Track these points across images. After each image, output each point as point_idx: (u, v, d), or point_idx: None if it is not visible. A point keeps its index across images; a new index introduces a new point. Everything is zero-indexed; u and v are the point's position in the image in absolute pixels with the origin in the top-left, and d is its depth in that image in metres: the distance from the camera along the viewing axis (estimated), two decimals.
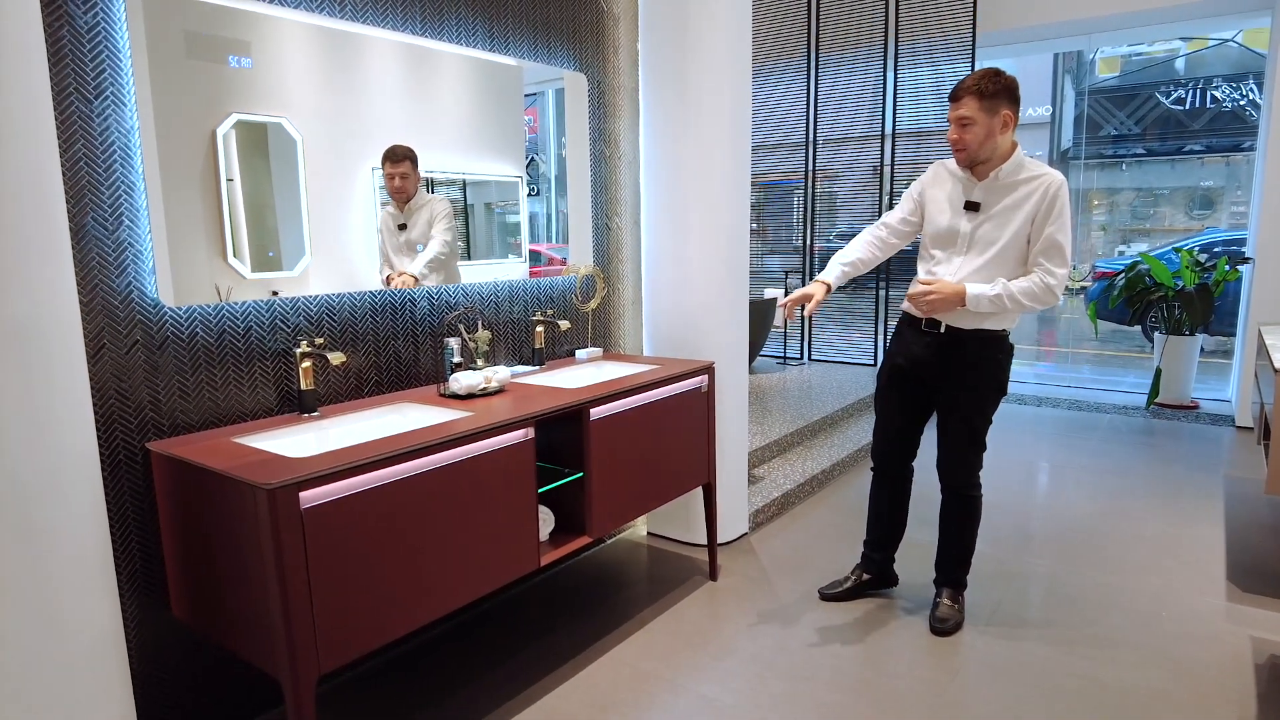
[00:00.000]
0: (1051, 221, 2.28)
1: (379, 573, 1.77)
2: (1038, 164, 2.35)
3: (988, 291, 2.31)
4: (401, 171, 2.46)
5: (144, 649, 1.94)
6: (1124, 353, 8.33)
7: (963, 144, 2.33)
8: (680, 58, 3.04)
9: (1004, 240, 2.34)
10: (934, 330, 2.46)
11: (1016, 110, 2.32)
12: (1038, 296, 2.30)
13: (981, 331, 2.40)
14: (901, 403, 2.61)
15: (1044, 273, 2.31)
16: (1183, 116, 12.79)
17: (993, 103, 2.28)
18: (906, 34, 5.96)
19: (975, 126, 2.29)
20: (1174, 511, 3.67)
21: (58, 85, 1.68)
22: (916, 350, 2.51)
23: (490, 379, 2.38)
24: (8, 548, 1.44)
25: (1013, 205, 2.33)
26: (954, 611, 2.63)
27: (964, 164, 2.39)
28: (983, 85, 2.28)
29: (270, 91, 2.07)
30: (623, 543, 3.41)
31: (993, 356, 2.44)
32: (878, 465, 2.74)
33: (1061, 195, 2.29)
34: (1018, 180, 2.34)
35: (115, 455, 1.85)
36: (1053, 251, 2.30)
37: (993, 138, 2.31)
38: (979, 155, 2.34)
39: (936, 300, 2.35)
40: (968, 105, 2.29)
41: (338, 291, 2.29)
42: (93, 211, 1.77)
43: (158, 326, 1.90)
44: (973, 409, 2.48)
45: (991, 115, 2.29)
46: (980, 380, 2.45)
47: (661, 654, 2.50)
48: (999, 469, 4.40)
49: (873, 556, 2.83)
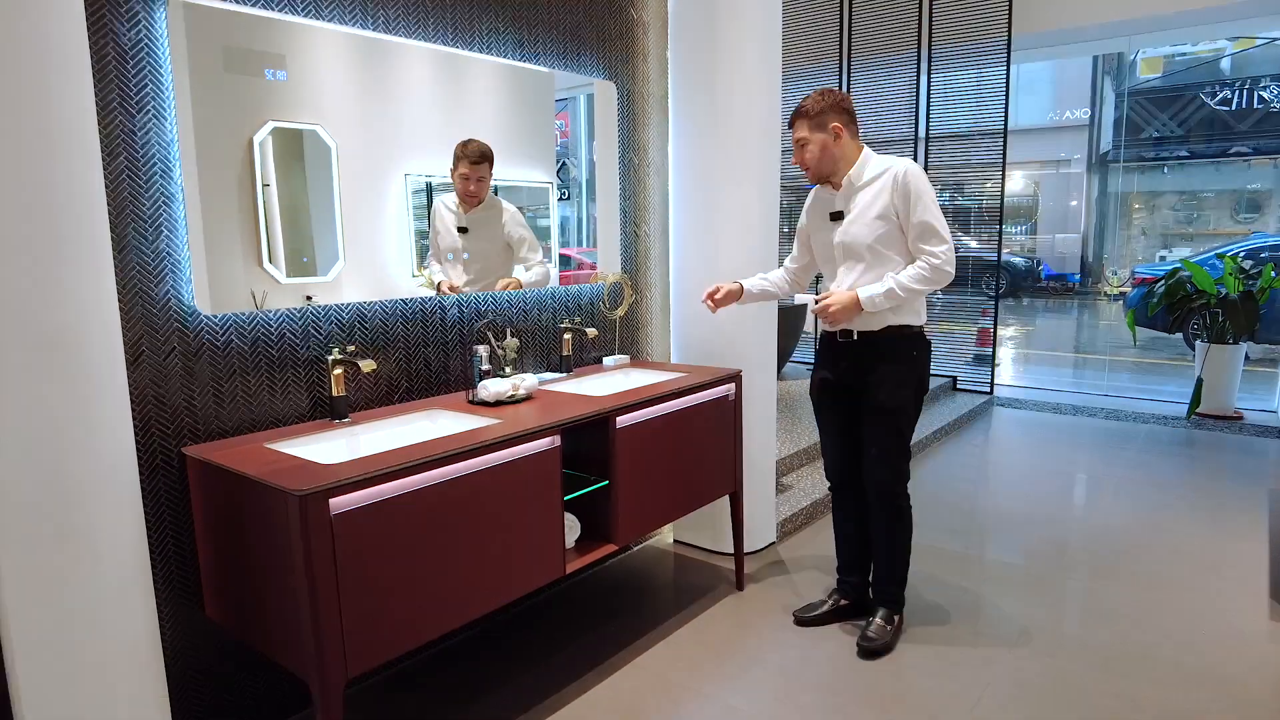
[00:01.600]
0: (913, 206, 2.34)
1: (406, 578, 1.79)
2: (884, 159, 2.44)
3: (879, 289, 2.35)
4: (479, 175, 2.46)
5: (178, 649, 1.98)
6: (1164, 360, 8.13)
7: (805, 163, 2.46)
8: (710, 64, 3.04)
9: (869, 238, 2.39)
10: (847, 339, 2.50)
11: (847, 119, 2.42)
12: (929, 279, 2.34)
13: (892, 329, 2.44)
14: (836, 416, 2.62)
15: (927, 256, 2.35)
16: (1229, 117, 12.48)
17: (819, 119, 2.41)
18: (940, 37, 5.89)
19: (810, 145, 2.42)
20: (1216, 526, 3.58)
21: (102, 100, 1.73)
22: (837, 361, 2.56)
23: (518, 386, 2.39)
24: (50, 547, 1.49)
25: (868, 202, 2.41)
26: (885, 632, 2.55)
27: (813, 180, 2.51)
28: (809, 106, 2.42)
29: (305, 100, 2.11)
30: (649, 550, 3.41)
31: (907, 351, 2.47)
32: (832, 483, 2.72)
33: (911, 179, 2.34)
34: (868, 180, 2.42)
35: (153, 459, 1.89)
36: (926, 234, 2.34)
37: (829, 151, 2.42)
38: (822, 170, 2.45)
39: (836, 311, 2.40)
40: (799, 128, 2.44)
41: (369, 299, 2.32)
42: (133, 222, 1.82)
43: (194, 334, 1.95)
44: (890, 402, 2.46)
45: (822, 130, 2.41)
46: (897, 377, 2.46)
47: (687, 663, 2.50)
48: (1032, 478, 4.32)
49: (847, 580, 2.76)
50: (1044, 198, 14.34)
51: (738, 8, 2.99)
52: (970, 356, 6.32)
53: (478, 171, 2.46)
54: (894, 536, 2.56)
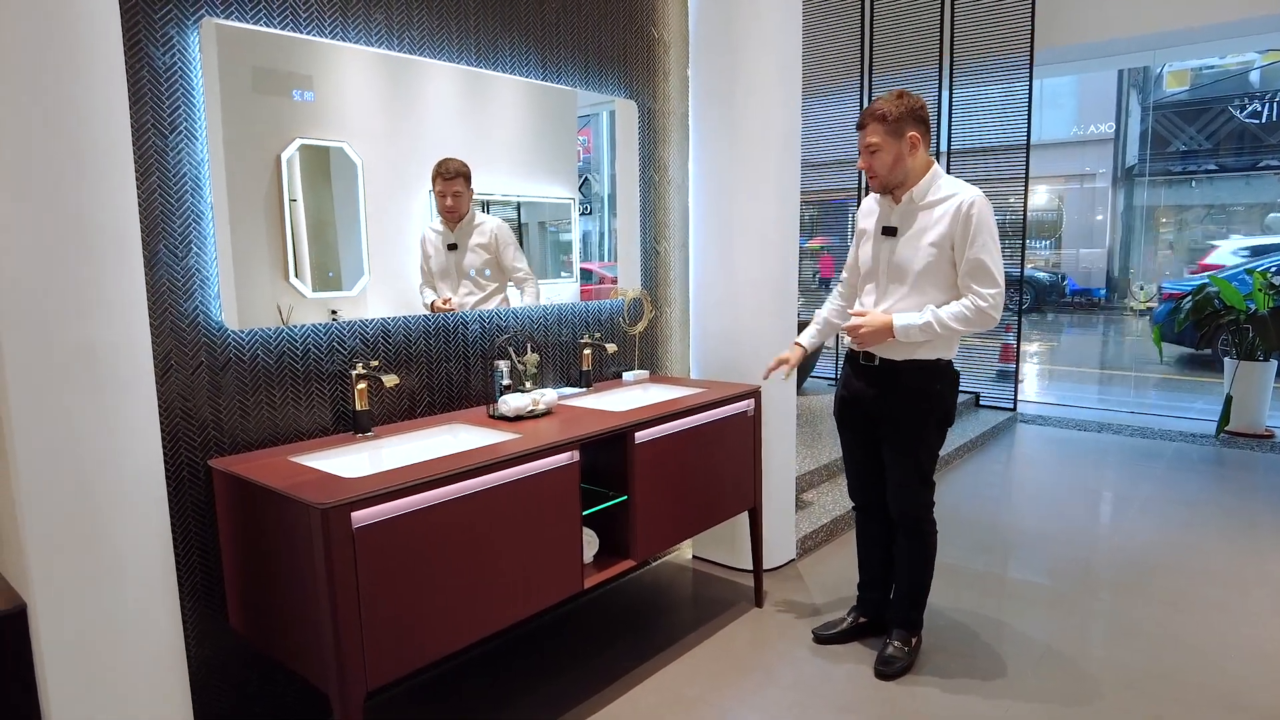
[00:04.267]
0: (971, 242, 2.22)
1: (426, 591, 1.80)
2: (954, 182, 2.31)
3: (916, 321, 2.26)
4: (454, 190, 2.44)
5: (202, 658, 2.01)
6: (1192, 377, 8.01)
7: (872, 171, 2.32)
8: (730, 82, 3.06)
9: (919, 264, 2.28)
10: (870, 363, 2.42)
11: (924, 130, 2.30)
12: (970, 320, 2.23)
13: (915, 361, 2.34)
14: (856, 437, 2.56)
15: (974, 296, 2.24)
16: (1258, 130, 12.32)
17: (897, 125, 2.26)
18: (962, 51, 5.88)
19: (882, 152, 2.28)
20: (1245, 546, 3.51)
21: (137, 121, 1.78)
22: (857, 383, 2.47)
23: (538, 401, 2.41)
24: (79, 557, 1.52)
25: (925, 227, 2.29)
26: (902, 654, 2.51)
27: (878, 190, 2.38)
28: (886, 110, 2.27)
29: (332, 119, 2.16)
30: (667, 566, 3.40)
31: (930, 387, 2.36)
32: (856, 502, 2.68)
33: (976, 212, 2.22)
34: (932, 201, 2.30)
35: (179, 471, 1.93)
36: (979, 273, 2.23)
37: (902, 161, 2.29)
38: (891, 180, 2.32)
39: (867, 334, 2.30)
40: (873, 131, 2.29)
41: (393, 314, 2.36)
42: (164, 239, 1.86)
43: (221, 348, 1.99)
44: (913, 440, 2.40)
45: (898, 139, 2.27)
46: (918, 411, 2.37)
47: (706, 680, 2.49)
48: (1056, 496, 4.27)
49: (868, 598, 2.71)
50: (1068, 212, 14.21)
51: (758, 26, 3.01)
52: (994, 372, 6.26)
53: (453, 186, 2.45)
54: (915, 561, 2.53)
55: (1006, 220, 6.01)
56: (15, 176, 1.40)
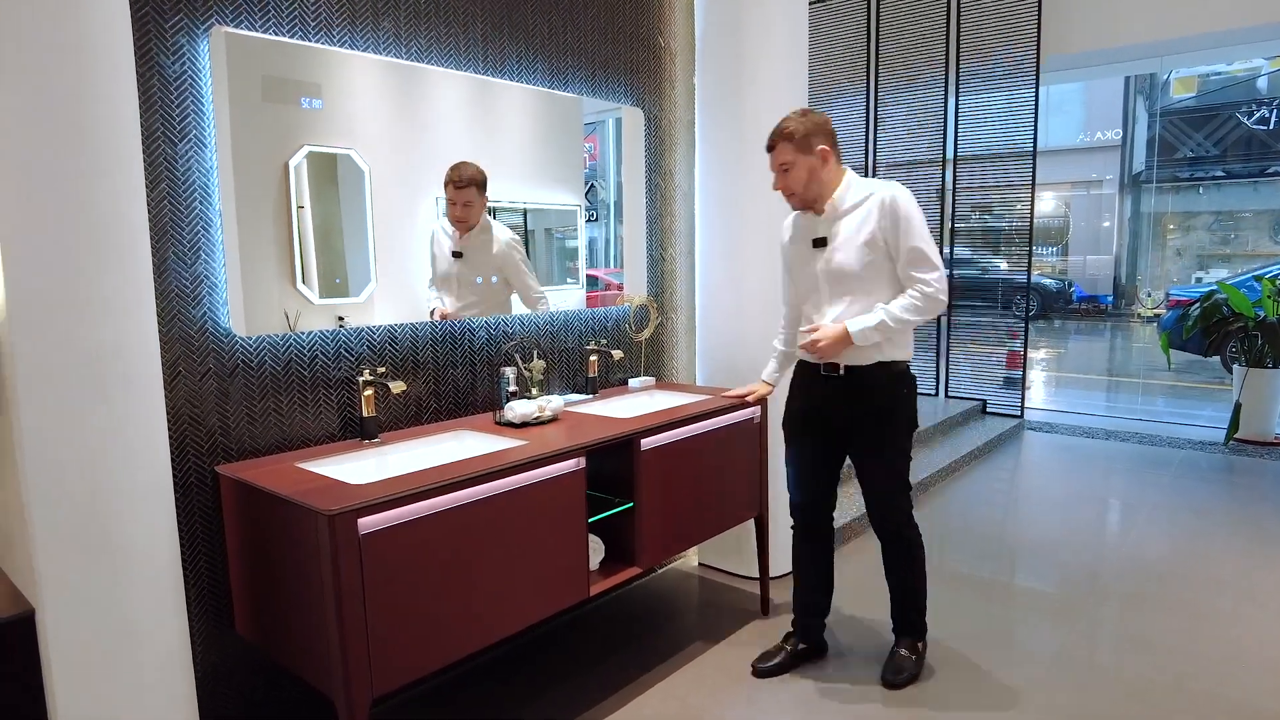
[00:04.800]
0: (903, 232, 2.25)
1: (433, 598, 1.80)
2: (870, 182, 2.34)
3: (870, 322, 2.25)
4: (466, 199, 2.40)
5: (209, 665, 2.01)
6: (1200, 384, 7.97)
7: (789, 189, 2.33)
8: (736, 90, 3.06)
9: (858, 266, 2.29)
10: (834, 373, 2.38)
11: (832, 142, 2.33)
12: (920, 309, 2.25)
13: (883, 366, 2.33)
14: (814, 452, 2.50)
15: (919, 284, 2.26)
16: (1266, 137, 12.28)
17: (805, 141, 2.29)
18: (969, 58, 5.88)
19: (796, 169, 2.30)
20: (1256, 555, 3.49)
21: (147, 130, 1.79)
22: (820, 396, 2.43)
23: (544, 408, 2.41)
24: (88, 562, 1.53)
25: (854, 229, 2.30)
26: (911, 662, 2.50)
27: (797, 207, 2.39)
28: (793, 128, 2.29)
29: (340, 126, 2.17)
30: (674, 573, 3.40)
31: (899, 391, 2.37)
32: (800, 520, 2.60)
33: (900, 203, 2.25)
34: (854, 204, 2.32)
35: (187, 477, 1.93)
36: (919, 260, 2.26)
37: (816, 175, 2.31)
38: (808, 196, 2.33)
39: (825, 345, 2.29)
40: (783, 151, 2.30)
41: (400, 320, 2.36)
42: (173, 246, 1.87)
43: (229, 355, 2.00)
44: (891, 449, 2.39)
45: (808, 154, 2.29)
46: (890, 417, 2.37)
47: (711, 688, 2.48)
48: (1064, 504, 4.24)
49: (806, 623, 2.64)
50: (1075, 219, 14.18)
51: (764, 34, 3.02)
52: (1000, 379, 6.24)
53: (463, 195, 2.40)
54: (908, 568, 2.51)
55: (1013, 227, 6.00)
56: (26, 183, 1.41)
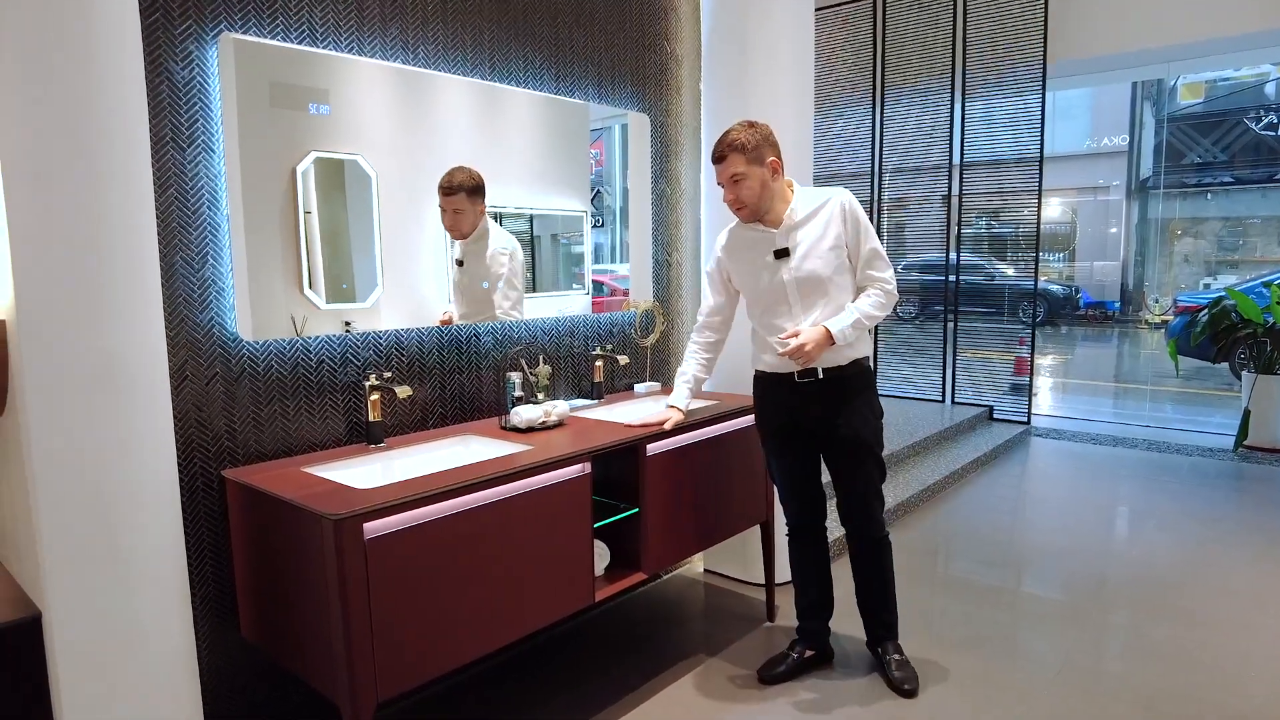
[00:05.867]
0: (862, 235, 2.33)
1: (438, 603, 1.80)
2: (816, 190, 2.38)
3: (848, 321, 2.28)
4: (454, 206, 2.38)
5: (214, 669, 2.02)
6: (1209, 390, 7.93)
7: (740, 201, 2.30)
8: (742, 96, 3.07)
9: (828, 270, 2.31)
10: (811, 379, 2.36)
11: (778, 154, 2.31)
12: (885, 305, 2.35)
13: (856, 363, 2.36)
14: (798, 460, 2.49)
15: (880, 283, 2.35)
16: (1274, 143, 12.23)
17: (757, 153, 2.26)
18: (975, 64, 5.88)
19: (749, 180, 2.26)
20: (1266, 563, 3.46)
21: (156, 136, 1.80)
22: (800, 405, 2.40)
23: (549, 413, 2.41)
24: (94, 566, 1.53)
25: (817, 237, 2.32)
26: (910, 669, 2.50)
27: (749, 220, 2.35)
28: (744, 139, 2.25)
29: (347, 132, 2.18)
30: (679, 579, 3.39)
31: (870, 383, 2.43)
32: (795, 525, 2.59)
33: (856, 208, 2.33)
34: (810, 212, 2.33)
35: (193, 481, 1.94)
36: (874, 260, 2.35)
37: (767, 187, 2.29)
38: (760, 207, 2.31)
39: (812, 348, 2.25)
40: (734, 163, 2.26)
41: (406, 325, 2.37)
42: (181, 251, 1.88)
43: (236, 359, 2.00)
44: (872, 438, 2.41)
45: (760, 165, 2.27)
46: (870, 411, 2.40)
47: (716, 695, 2.47)
48: (1071, 510, 4.22)
49: (810, 628, 2.61)
50: (1082, 225, 14.14)
51: (770, 40, 3.02)
52: (1007, 385, 6.22)
53: (452, 203, 2.37)
54: (886, 571, 2.53)
55: (1020, 233, 5.99)
56: (35, 188, 1.42)
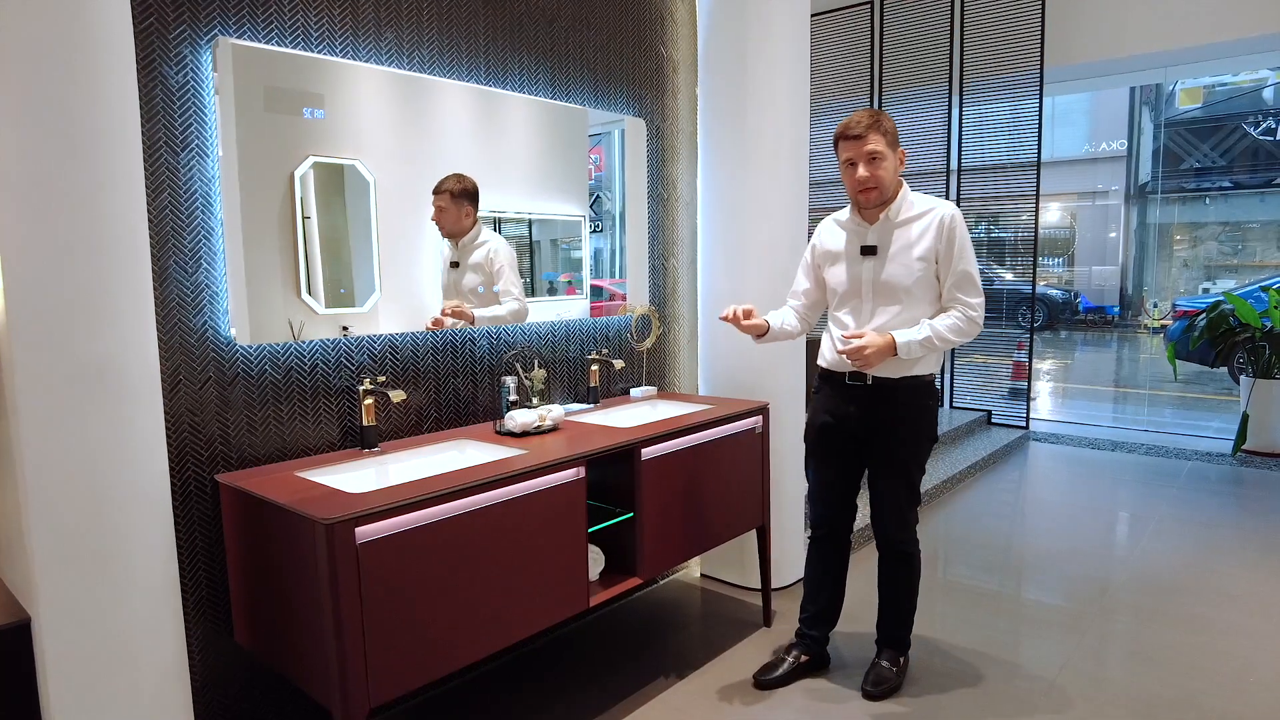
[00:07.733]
0: (956, 254, 2.23)
1: (431, 608, 1.79)
2: (925, 198, 2.31)
3: (916, 336, 2.21)
4: (439, 204, 2.40)
5: (207, 674, 2.01)
6: (1208, 395, 7.92)
7: (875, 180, 2.23)
8: (739, 100, 3.07)
9: (909, 279, 2.26)
10: (860, 383, 2.34)
11: None
12: (963, 331, 2.24)
13: (909, 379, 2.31)
14: (837, 463, 2.46)
15: (964, 307, 2.25)
16: (1273, 147, 12.24)
17: (894, 138, 2.24)
18: (972, 69, 5.89)
19: (886, 162, 2.23)
20: (1266, 569, 3.45)
21: (149, 140, 1.80)
22: (843, 406, 2.39)
23: (544, 417, 2.41)
24: (86, 570, 1.53)
25: (909, 243, 2.26)
26: (892, 674, 2.47)
27: (874, 203, 2.29)
28: (883, 122, 2.23)
29: (344, 136, 2.17)
30: (675, 584, 3.38)
31: (923, 404, 2.34)
32: (819, 531, 2.55)
33: (958, 224, 2.24)
34: (909, 217, 2.28)
35: (186, 486, 1.93)
36: (965, 283, 2.25)
37: (894, 175, 2.26)
38: (888, 192, 2.27)
39: (872, 353, 2.19)
40: (873, 140, 2.21)
41: (404, 330, 2.36)
42: (174, 255, 1.88)
43: (230, 364, 2.00)
44: (910, 462, 2.36)
45: (895, 150, 2.25)
46: (914, 432, 2.35)
47: (713, 700, 2.46)
48: (1070, 516, 4.21)
49: (810, 635, 2.60)
50: (1081, 229, 14.15)
51: (767, 45, 3.03)
52: (1005, 390, 6.21)
53: (439, 200, 2.39)
54: (909, 586, 2.49)
55: (1018, 238, 5.99)
56: (28, 192, 1.42)
